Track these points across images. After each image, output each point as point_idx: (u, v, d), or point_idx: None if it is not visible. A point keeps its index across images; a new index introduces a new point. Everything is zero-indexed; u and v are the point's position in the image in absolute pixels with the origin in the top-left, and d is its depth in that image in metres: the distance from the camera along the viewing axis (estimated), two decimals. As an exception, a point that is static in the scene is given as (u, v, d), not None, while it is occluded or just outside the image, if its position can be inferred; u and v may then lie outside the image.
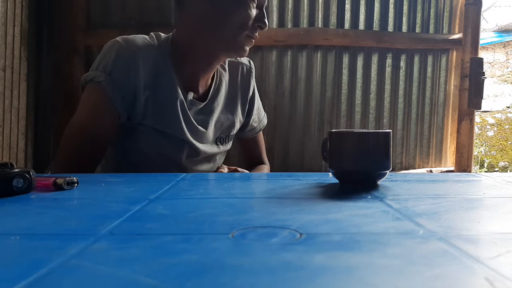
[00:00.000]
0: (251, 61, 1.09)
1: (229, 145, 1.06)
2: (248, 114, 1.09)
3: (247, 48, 0.92)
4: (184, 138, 0.92)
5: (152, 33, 0.94)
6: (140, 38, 0.90)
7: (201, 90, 0.97)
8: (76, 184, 0.56)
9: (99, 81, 0.85)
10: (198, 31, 0.90)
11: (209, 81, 0.99)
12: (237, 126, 1.05)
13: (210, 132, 0.98)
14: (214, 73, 1.00)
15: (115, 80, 0.85)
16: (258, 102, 1.12)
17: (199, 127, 0.95)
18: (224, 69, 1.02)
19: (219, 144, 1.02)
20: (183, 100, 0.91)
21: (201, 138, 0.96)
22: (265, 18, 0.90)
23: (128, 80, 0.86)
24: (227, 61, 1.03)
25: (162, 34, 0.94)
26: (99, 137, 0.86)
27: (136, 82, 0.86)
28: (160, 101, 0.89)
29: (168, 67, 0.90)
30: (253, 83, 1.08)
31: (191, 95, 0.93)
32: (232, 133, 1.05)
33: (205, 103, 0.96)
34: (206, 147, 0.98)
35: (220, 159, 1.07)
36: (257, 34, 0.91)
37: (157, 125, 0.90)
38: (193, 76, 0.94)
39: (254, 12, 0.89)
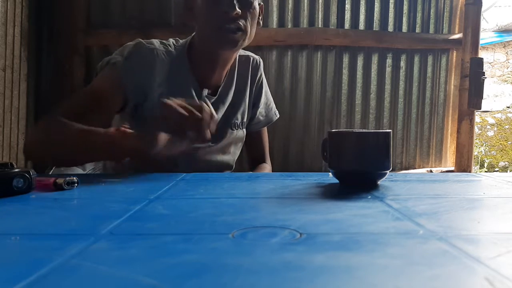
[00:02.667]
0: (259, 57, 1.14)
1: (243, 132, 1.09)
2: (254, 105, 1.12)
3: (233, 39, 0.91)
4: None
5: (171, 38, 1.00)
6: (159, 42, 0.96)
7: (218, 84, 1.02)
8: (76, 184, 0.56)
9: (114, 62, 0.90)
10: (196, 33, 0.97)
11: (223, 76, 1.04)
12: (247, 113, 1.10)
13: (225, 119, 1.02)
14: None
15: (130, 64, 0.89)
16: (266, 97, 1.16)
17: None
18: (234, 61, 1.06)
19: (233, 129, 1.06)
20: (196, 100, 0.93)
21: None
22: (230, 6, 0.88)
23: (142, 70, 0.90)
24: (237, 56, 1.07)
25: (180, 40, 1.01)
26: (103, 107, 0.89)
27: (151, 77, 0.91)
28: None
29: (185, 68, 0.96)
30: (260, 74, 1.12)
31: (205, 92, 0.98)
32: (245, 119, 1.09)
33: (217, 96, 1.01)
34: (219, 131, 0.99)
35: (234, 152, 1.09)
36: (237, 22, 0.89)
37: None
38: (210, 74, 0.99)
39: (217, 11, 0.88)
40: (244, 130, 1.10)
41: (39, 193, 0.53)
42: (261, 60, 1.13)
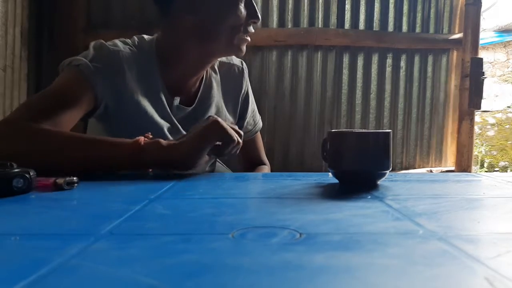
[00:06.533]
0: (243, 62, 1.07)
1: None
2: (241, 117, 1.06)
3: (244, 48, 0.90)
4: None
5: (135, 36, 0.92)
6: (122, 42, 0.88)
7: (189, 93, 0.95)
8: (76, 184, 0.56)
9: (78, 64, 0.81)
10: (188, 41, 0.88)
11: (197, 84, 0.96)
12: None
13: None
14: (203, 75, 0.97)
15: (95, 67, 0.81)
16: (252, 105, 1.10)
17: (184, 132, 0.91)
18: (215, 71, 1.00)
19: None
20: (167, 107, 0.89)
21: None
22: (256, 12, 0.87)
23: (110, 72, 0.83)
24: (217, 62, 1.01)
25: (145, 37, 0.92)
26: (69, 108, 0.78)
27: (120, 80, 0.84)
28: (142, 108, 0.86)
29: (153, 72, 0.88)
30: (245, 84, 1.05)
31: (177, 101, 0.91)
32: None
33: (193, 106, 0.94)
34: None
35: (211, 159, 1.05)
36: (252, 29, 0.89)
37: (136, 130, 0.88)
38: (181, 79, 0.92)
39: (243, 11, 0.86)
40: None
41: (39, 193, 0.53)
42: (244, 66, 1.05)
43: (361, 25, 2.07)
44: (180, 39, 0.88)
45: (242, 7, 0.86)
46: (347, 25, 2.06)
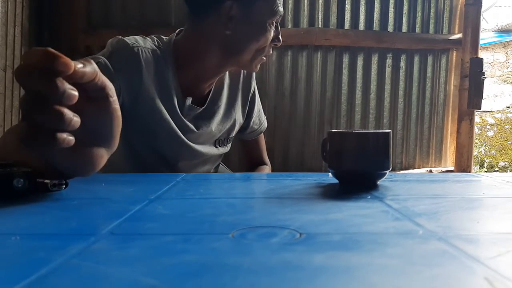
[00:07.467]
0: None
1: (228, 147, 1.06)
2: (248, 116, 1.08)
3: (259, 66, 0.94)
4: (180, 140, 0.91)
5: (154, 36, 0.92)
6: (143, 39, 0.88)
7: (201, 93, 0.96)
8: (64, 186, 0.53)
9: (96, 63, 0.79)
10: (211, 48, 0.89)
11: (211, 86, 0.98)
12: (237, 128, 1.05)
13: (210, 135, 0.97)
14: None
15: (113, 64, 0.80)
16: (258, 105, 1.12)
17: (196, 130, 0.93)
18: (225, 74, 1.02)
19: (218, 146, 1.01)
20: (178, 107, 0.90)
21: (200, 141, 0.95)
22: (279, 35, 0.92)
23: (128, 69, 0.83)
24: None
25: (163, 37, 0.93)
26: None
27: (139, 77, 0.83)
28: (155, 107, 0.86)
29: (168, 71, 0.88)
30: (253, 85, 1.08)
31: (189, 100, 0.91)
32: (231, 135, 1.04)
33: (204, 107, 0.95)
34: (204, 149, 0.97)
35: (217, 160, 1.06)
36: (271, 50, 0.93)
37: (150, 128, 0.88)
38: (195, 82, 0.93)
39: (272, 34, 0.89)
40: (229, 145, 1.06)
41: (39, 193, 0.53)
42: None
43: (361, 25, 2.07)
44: (204, 45, 0.89)
45: (273, 30, 0.89)
46: (347, 25, 2.06)
